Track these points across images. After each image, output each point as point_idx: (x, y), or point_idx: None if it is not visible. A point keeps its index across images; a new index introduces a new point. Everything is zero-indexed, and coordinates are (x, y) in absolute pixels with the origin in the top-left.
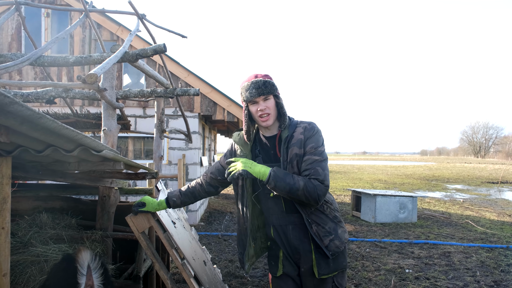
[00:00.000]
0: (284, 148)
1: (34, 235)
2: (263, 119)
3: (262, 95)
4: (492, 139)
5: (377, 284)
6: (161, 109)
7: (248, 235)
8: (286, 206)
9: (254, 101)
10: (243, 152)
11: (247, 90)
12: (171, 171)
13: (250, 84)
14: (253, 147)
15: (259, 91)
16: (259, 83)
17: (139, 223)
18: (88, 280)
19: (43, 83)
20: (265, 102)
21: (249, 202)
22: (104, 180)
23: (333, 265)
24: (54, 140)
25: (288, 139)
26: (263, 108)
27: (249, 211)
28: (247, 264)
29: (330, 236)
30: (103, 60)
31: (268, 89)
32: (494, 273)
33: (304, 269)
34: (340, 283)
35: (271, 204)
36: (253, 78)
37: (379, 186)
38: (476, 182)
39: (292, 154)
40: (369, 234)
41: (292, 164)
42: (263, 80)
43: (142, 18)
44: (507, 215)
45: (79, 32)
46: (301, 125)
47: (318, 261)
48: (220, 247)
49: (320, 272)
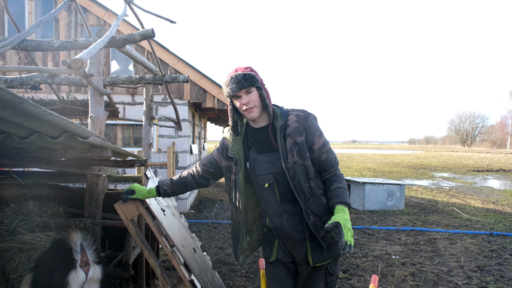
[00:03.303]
0: (281, 137)
1: (21, 223)
2: (248, 112)
3: (243, 89)
4: (478, 128)
5: (364, 270)
6: (150, 96)
7: (241, 229)
8: (281, 196)
9: (237, 96)
10: (235, 147)
11: (228, 86)
12: (160, 159)
13: (229, 79)
14: (244, 140)
15: (239, 85)
16: (239, 77)
17: (128, 210)
18: (83, 257)
19: (27, 68)
20: (248, 95)
21: (241, 196)
22: (92, 167)
23: (327, 253)
24: (38, 126)
25: (283, 128)
26: (246, 101)
27: (241, 205)
28: (241, 257)
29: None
30: (89, 45)
31: (248, 82)
32: (477, 258)
33: (299, 258)
34: (333, 270)
35: (266, 194)
36: (234, 72)
37: (368, 174)
38: (462, 171)
39: (291, 143)
40: (357, 221)
41: (292, 152)
42: (242, 73)
43: (130, 2)
44: (491, 202)
45: (65, 17)
46: (293, 113)
47: (312, 249)
48: (210, 234)
49: (314, 260)
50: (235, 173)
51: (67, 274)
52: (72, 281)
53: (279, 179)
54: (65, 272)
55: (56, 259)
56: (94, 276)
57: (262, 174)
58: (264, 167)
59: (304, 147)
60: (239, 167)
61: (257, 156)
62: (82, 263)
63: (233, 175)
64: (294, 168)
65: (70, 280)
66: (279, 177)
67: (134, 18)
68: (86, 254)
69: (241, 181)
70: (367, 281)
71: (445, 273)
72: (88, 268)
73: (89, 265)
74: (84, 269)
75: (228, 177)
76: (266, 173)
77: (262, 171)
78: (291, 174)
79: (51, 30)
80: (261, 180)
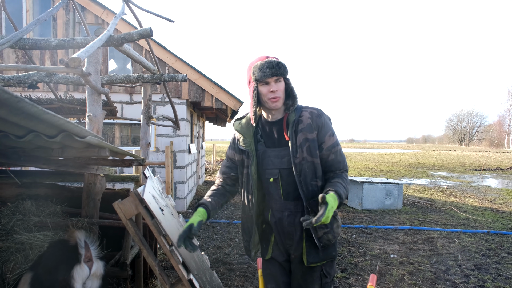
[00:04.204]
0: (293, 132)
1: (18, 223)
2: (274, 101)
3: (275, 76)
4: (476, 127)
5: (362, 269)
6: (148, 95)
7: (254, 222)
8: (284, 193)
9: (266, 82)
10: (246, 139)
11: (261, 70)
12: (158, 158)
13: (264, 63)
14: (254, 132)
15: (272, 71)
16: (273, 63)
17: (126, 209)
18: (87, 252)
19: (24, 66)
20: (277, 84)
21: (254, 189)
22: (89, 166)
23: (323, 255)
24: (35, 125)
25: (296, 122)
26: (275, 89)
27: (254, 198)
28: (253, 251)
29: (325, 229)
30: (87, 43)
31: (281, 70)
32: (475, 257)
33: (294, 256)
34: (328, 272)
35: (271, 189)
36: (265, 58)
37: (366, 174)
38: (460, 170)
39: (302, 139)
40: (355, 220)
41: (302, 148)
42: (277, 61)
43: (128, 1)
44: (488, 201)
45: (63, 15)
46: (308, 110)
47: (308, 249)
48: (208, 234)
49: (309, 260)
50: (247, 166)
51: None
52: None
53: (284, 175)
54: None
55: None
56: (97, 271)
57: (269, 168)
58: (272, 161)
59: (314, 144)
60: (252, 159)
61: (265, 150)
62: (86, 259)
63: (245, 168)
64: (302, 164)
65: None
66: (285, 173)
67: (132, 17)
68: (90, 250)
69: (253, 174)
70: (365, 280)
71: (443, 272)
72: (91, 263)
73: (92, 261)
74: (88, 265)
75: (241, 172)
76: (273, 167)
77: (269, 165)
78: (298, 170)
79: (49, 29)
80: (267, 174)
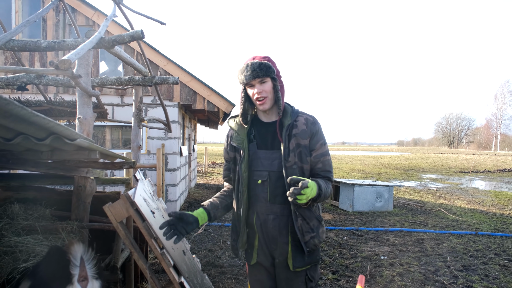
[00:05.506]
0: (286, 135)
1: (6, 226)
2: (260, 103)
3: (257, 78)
4: (464, 130)
5: (353, 271)
6: (139, 97)
7: (242, 221)
8: (271, 196)
9: (250, 84)
10: (239, 137)
11: (242, 73)
12: (149, 161)
13: (245, 66)
14: (248, 132)
15: (253, 73)
16: (254, 65)
17: (117, 212)
18: (81, 271)
19: (13, 68)
20: (262, 85)
21: (243, 188)
22: (79, 169)
23: (308, 259)
24: (24, 128)
25: (290, 126)
26: (259, 91)
27: (243, 197)
28: (240, 251)
29: (312, 233)
30: (78, 45)
31: (263, 71)
32: (463, 258)
33: (278, 261)
34: (312, 276)
35: (258, 191)
36: (251, 60)
37: (357, 176)
38: (449, 172)
39: (295, 144)
40: (346, 222)
41: (295, 153)
42: (259, 62)
43: (119, 3)
44: (476, 203)
45: (53, 16)
46: (303, 116)
47: (294, 254)
48: (199, 237)
49: (294, 265)
50: (239, 163)
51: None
52: None
53: (273, 178)
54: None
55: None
56: None
57: (258, 170)
58: (261, 163)
59: (306, 151)
60: (243, 157)
61: (256, 151)
62: (80, 278)
63: (237, 166)
64: (292, 168)
65: None
66: (274, 176)
67: (124, 19)
68: (85, 269)
69: (243, 172)
70: (356, 281)
71: (432, 273)
72: (86, 283)
73: (87, 280)
74: (82, 284)
75: (233, 169)
76: (262, 169)
77: (259, 167)
78: (288, 174)
79: (38, 30)
80: (256, 176)
